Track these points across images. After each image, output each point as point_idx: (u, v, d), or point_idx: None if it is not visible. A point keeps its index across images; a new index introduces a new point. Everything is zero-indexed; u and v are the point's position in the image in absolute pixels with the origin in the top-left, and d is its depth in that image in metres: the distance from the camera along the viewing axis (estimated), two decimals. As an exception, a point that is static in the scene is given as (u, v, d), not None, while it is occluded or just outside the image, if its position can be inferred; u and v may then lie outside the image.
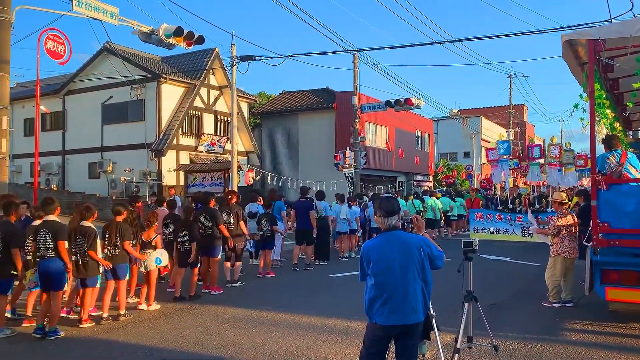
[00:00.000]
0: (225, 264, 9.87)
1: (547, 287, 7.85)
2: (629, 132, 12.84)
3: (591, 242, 6.55)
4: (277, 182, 20.86)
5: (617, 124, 10.33)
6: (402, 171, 32.44)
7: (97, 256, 6.97)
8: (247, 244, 11.07)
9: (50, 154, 25.26)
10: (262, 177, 21.38)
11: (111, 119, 24.02)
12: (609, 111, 8.35)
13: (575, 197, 12.15)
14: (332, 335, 6.35)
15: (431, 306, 4.08)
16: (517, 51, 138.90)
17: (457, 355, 4.79)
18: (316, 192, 13.34)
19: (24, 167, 26.19)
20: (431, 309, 4.13)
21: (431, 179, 36.70)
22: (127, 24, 11.62)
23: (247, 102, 28.18)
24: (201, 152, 24.52)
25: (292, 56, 17.25)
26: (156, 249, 7.90)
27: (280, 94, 32.16)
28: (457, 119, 43.02)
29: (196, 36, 12.30)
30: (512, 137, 37.92)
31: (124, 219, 7.54)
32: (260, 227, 10.94)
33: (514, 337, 6.15)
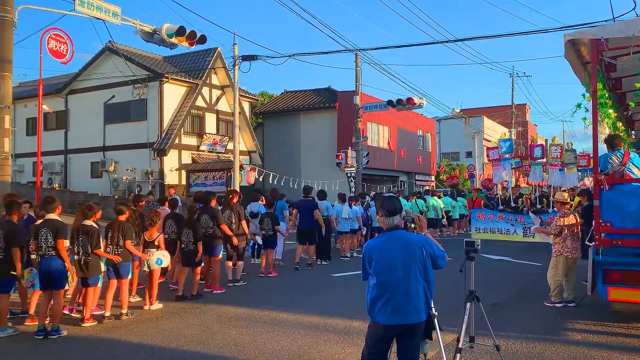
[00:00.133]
0: (227, 264, 9.88)
1: (549, 287, 7.84)
2: (632, 131, 12.81)
3: (593, 242, 6.55)
4: (279, 181, 20.84)
5: (620, 124, 10.31)
6: (404, 171, 32.40)
7: (104, 253, 7.00)
8: (248, 243, 11.08)
9: (52, 154, 25.33)
10: (264, 176, 21.36)
11: (113, 118, 24.04)
12: (611, 111, 8.33)
13: (577, 197, 12.13)
14: (334, 334, 6.35)
15: (433, 306, 4.08)
16: (520, 51, 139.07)
17: (459, 354, 4.80)
18: (318, 192, 13.34)
19: (26, 166, 26.21)
20: (433, 309, 4.12)
21: (433, 178, 36.68)
22: (129, 24, 11.62)
23: (249, 102, 28.18)
24: (203, 151, 24.53)
25: (294, 56, 17.29)
26: (159, 248, 7.93)
27: (282, 93, 32.13)
28: (459, 118, 42.99)
29: (198, 36, 12.30)
30: (514, 136, 37.84)
31: (127, 218, 7.57)
32: (262, 226, 10.95)
33: (516, 336, 6.14)
